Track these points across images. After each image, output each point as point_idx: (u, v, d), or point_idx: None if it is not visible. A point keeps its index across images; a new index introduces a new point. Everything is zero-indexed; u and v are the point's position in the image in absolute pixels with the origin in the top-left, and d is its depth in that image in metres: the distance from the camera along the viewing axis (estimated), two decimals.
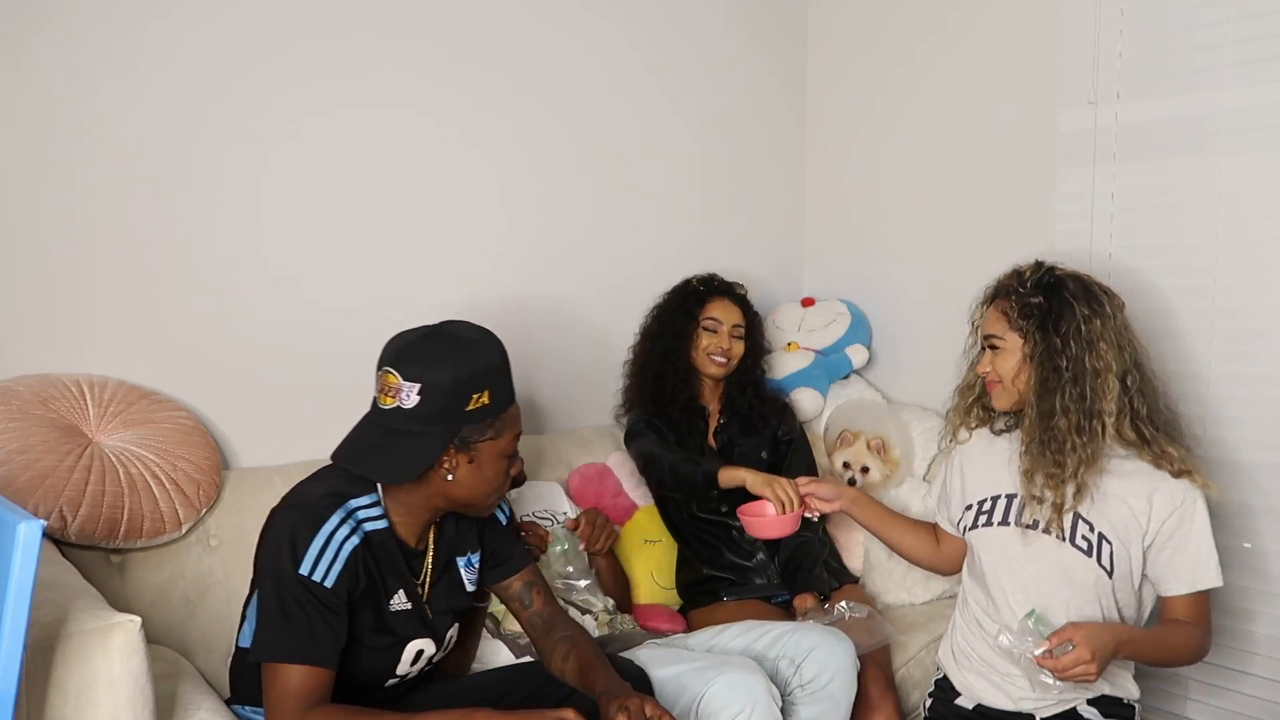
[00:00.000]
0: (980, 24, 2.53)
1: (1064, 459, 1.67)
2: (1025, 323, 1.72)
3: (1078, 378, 1.67)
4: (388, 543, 1.52)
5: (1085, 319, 1.69)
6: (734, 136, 2.85)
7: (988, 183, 2.54)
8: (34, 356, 1.85)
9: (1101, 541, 1.70)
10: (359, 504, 1.50)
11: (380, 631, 1.52)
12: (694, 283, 2.42)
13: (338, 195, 2.16)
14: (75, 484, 1.69)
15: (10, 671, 1.04)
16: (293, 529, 1.42)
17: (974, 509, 1.85)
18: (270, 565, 1.42)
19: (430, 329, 1.52)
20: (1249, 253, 2.05)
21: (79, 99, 1.85)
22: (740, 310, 2.40)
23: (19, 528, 1.03)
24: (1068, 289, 1.73)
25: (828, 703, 1.73)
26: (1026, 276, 1.76)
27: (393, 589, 1.53)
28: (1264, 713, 2.08)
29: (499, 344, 1.53)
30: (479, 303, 2.34)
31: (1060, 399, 1.67)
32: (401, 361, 1.46)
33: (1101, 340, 1.68)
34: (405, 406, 1.44)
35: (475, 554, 1.68)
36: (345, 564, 1.43)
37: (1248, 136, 2.03)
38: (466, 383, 1.45)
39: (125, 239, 1.92)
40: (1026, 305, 1.72)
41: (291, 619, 1.39)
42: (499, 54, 2.37)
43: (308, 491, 1.50)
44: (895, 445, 2.45)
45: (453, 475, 1.49)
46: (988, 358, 1.79)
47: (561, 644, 1.62)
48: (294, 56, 2.08)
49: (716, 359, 2.35)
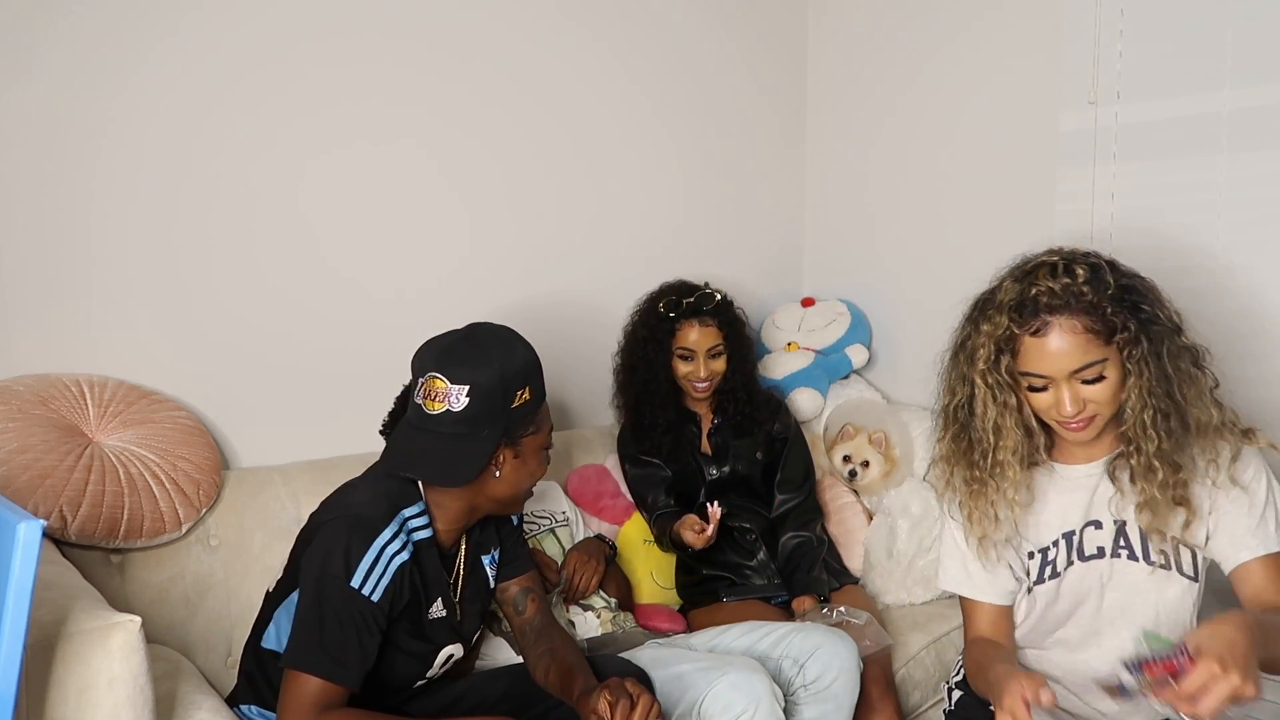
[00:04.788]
0: (980, 24, 2.53)
1: (1198, 463, 1.38)
2: (1126, 327, 1.34)
3: (1200, 358, 1.39)
4: (431, 551, 1.54)
5: (1164, 298, 1.40)
6: (735, 137, 2.85)
7: (988, 182, 2.54)
8: (34, 356, 1.85)
9: (1178, 547, 1.43)
10: (410, 513, 1.51)
11: (419, 638, 1.54)
12: (661, 308, 2.28)
13: (337, 197, 2.16)
14: (75, 484, 1.69)
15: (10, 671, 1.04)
16: (348, 540, 1.42)
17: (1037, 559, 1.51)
18: (318, 574, 1.42)
19: (463, 332, 1.54)
20: (1249, 253, 2.05)
21: (88, 102, 1.86)
22: (715, 326, 2.28)
23: (19, 528, 1.03)
24: (1121, 270, 1.39)
25: (831, 703, 1.73)
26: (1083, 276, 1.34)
27: (433, 598, 1.55)
28: (1265, 712, 2.08)
29: (528, 342, 1.56)
30: (480, 303, 2.33)
31: (1195, 390, 1.37)
32: (446, 365, 1.47)
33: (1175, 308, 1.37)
34: (455, 409, 1.46)
35: (496, 550, 1.70)
36: (392, 579, 1.44)
37: (1248, 136, 2.03)
38: (511, 380, 1.48)
39: (126, 239, 1.92)
40: (1115, 305, 1.34)
41: (327, 632, 1.39)
42: (505, 58, 2.36)
43: (362, 500, 1.50)
44: (895, 444, 2.46)
45: (500, 472, 1.52)
46: (1075, 395, 1.35)
47: (544, 658, 1.63)
48: (302, 63, 2.07)
49: (698, 386, 2.29)
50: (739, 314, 2.38)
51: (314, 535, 1.46)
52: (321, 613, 1.40)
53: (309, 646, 1.40)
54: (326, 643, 1.39)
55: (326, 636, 1.39)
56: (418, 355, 1.53)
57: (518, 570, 1.73)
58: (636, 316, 2.37)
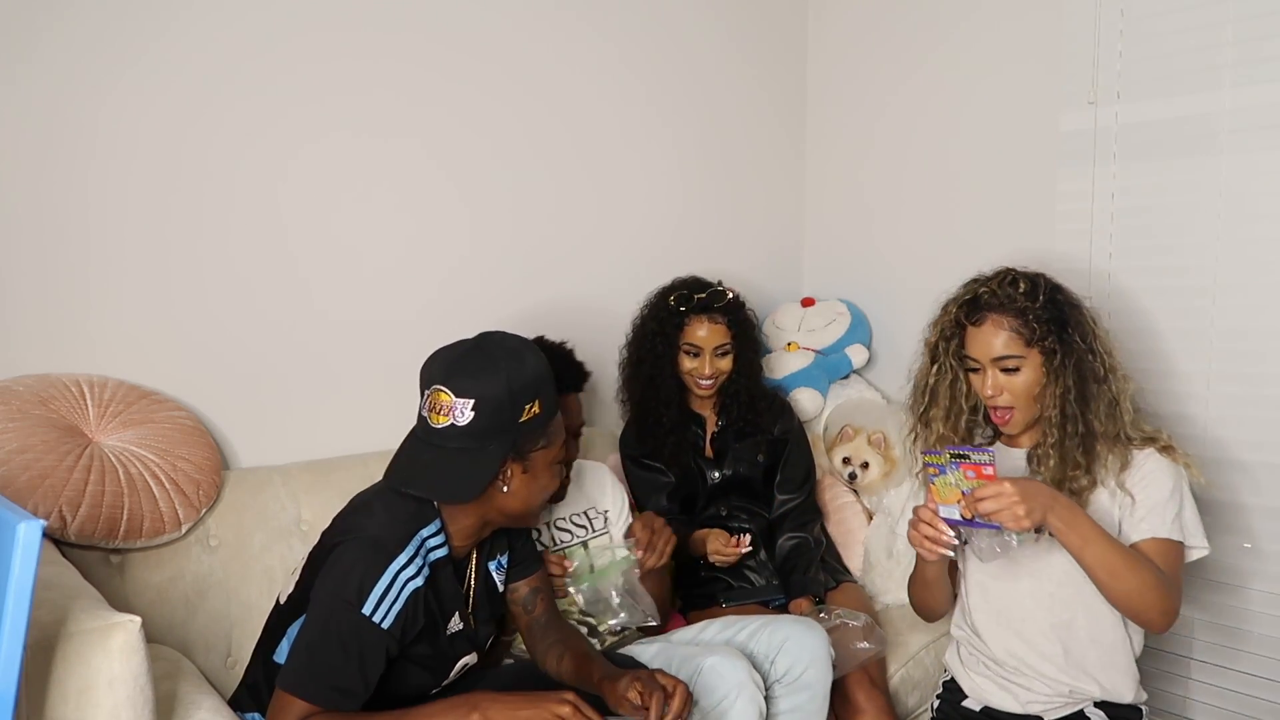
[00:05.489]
0: (980, 24, 2.53)
1: (1094, 465, 1.63)
2: (1047, 337, 1.63)
3: (1106, 378, 1.64)
4: (446, 568, 1.51)
5: (1092, 319, 1.69)
6: (735, 136, 2.85)
7: (988, 182, 2.54)
8: (34, 356, 1.84)
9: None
10: (427, 533, 1.48)
11: (437, 653, 1.53)
12: (671, 301, 2.27)
13: (337, 197, 2.16)
14: (75, 484, 1.69)
15: (10, 671, 1.04)
16: (364, 567, 1.39)
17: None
18: (328, 599, 1.39)
19: (473, 342, 1.50)
20: (1249, 253, 2.05)
21: (86, 100, 1.85)
22: (725, 325, 2.26)
23: (19, 528, 1.03)
24: (1062, 293, 1.70)
25: (804, 693, 1.75)
26: (1025, 289, 1.67)
27: (448, 615, 1.53)
28: (1266, 713, 2.08)
29: (540, 352, 1.52)
30: (481, 303, 2.35)
31: (1096, 404, 1.63)
32: (452, 378, 1.44)
33: (1108, 337, 1.68)
34: (459, 424, 1.42)
35: (504, 555, 1.69)
36: (405, 604, 1.41)
37: (1248, 136, 2.03)
38: (519, 394, 1.44)
39: (127, 239, 1.92)
40: (1043, 319, 1.64)
41: (329, 659, 1.37)
42: (505, 54, 2.36)
43: (379, 523, 1.46)
44: (895, 445, 2.45)
45: (508, 487, 1.48)
46: (995, 381, 1.67)
47: (555, 647, 1.63)
48: (305, 60, 2.07)
49: (701, 383, 2.27)
50: (750, 315, 2.36)
51: (328, 555, 1.44)
52: (326, 635, 1.37)
53: (305, 670, 1.37)
54: (328, 669, 1.37)
55: (329, 663, 1.37)
56: (425, 366, 1.50)
57: (527, 570, 1.72)
58: (646, 310, 2.34)
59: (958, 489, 1.55)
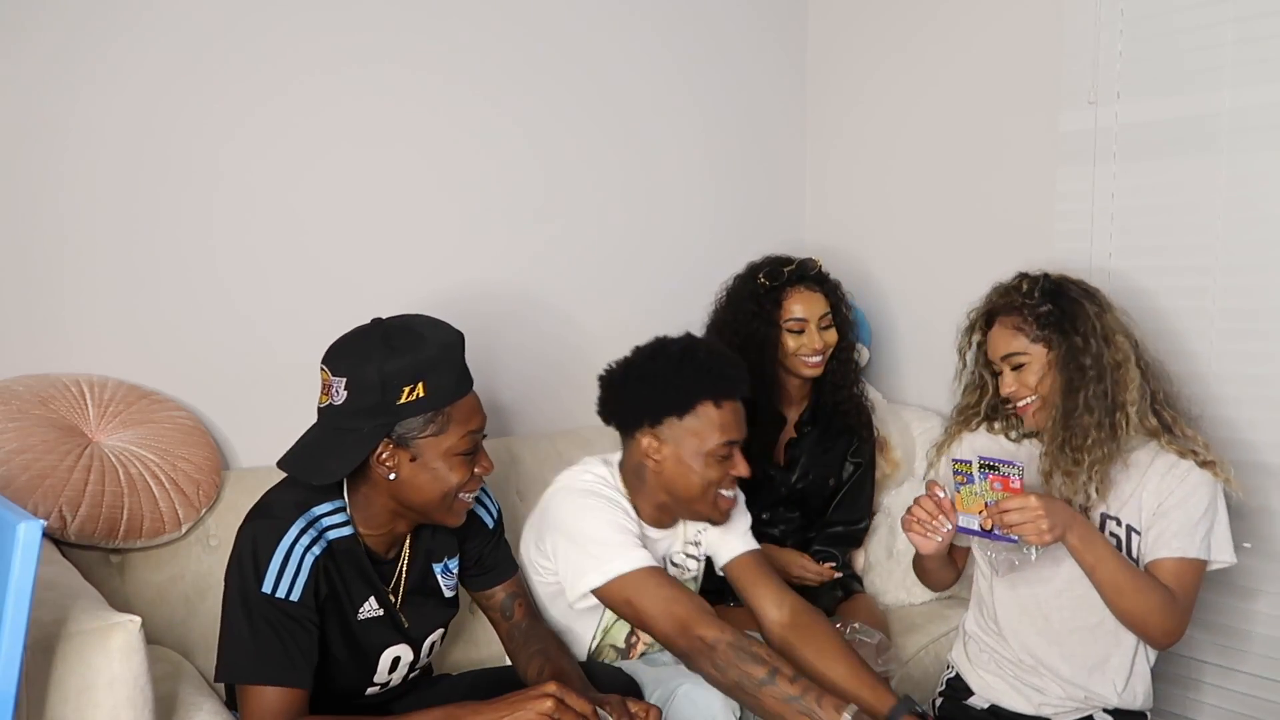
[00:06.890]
0: (980, 24, 2.52)
1: (1082, 456, 1.67)
2: (1045, 331, 1.72)
3: (1101, 374, 1.67)
4: (354, 550, 1.47)
5: (1096, 315, 1.72)
6: (733, 135, 2.84)
7: (987, 182, 2.54)
8: (34, 356, 1.84)
9: (1130, 534, 1.70)
10: (322, 510, 1.44)
11: (350, 640, 1.48)
12: (760, 278, 2.10)
13: (337, 196, 2.16)
14: (75, 484, 1.69)
15: (10, 671, 1.04)
16: (255, 544, 1.38)
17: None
18: (237, 583, 1.38)
19: (370, 323, 1.47)
20: (1249, 252, 2.05)
21: (87, 100, 1.85)
22: (822, 294, 2.11)
23: (19, 528, 1.03)
24: (1070, 290, 1.75)
25: None
26: (1025, 289, 1.75)
27: (361, 597, 1.49)
28: (1266, 713, 2.08)
29: (449, 337, 1.45)
30: (482, 303, 2.34)
31: (1084, 396, 1.67)
32: (331, 357, 1.42)
33: (1117, 333, 1.71)
34: (336, 403, 1.40)
35: (453, 559, 1.63)
36: (309, 574, 1.38)
37: (1248, 136, 2.03)
38: (394, 376, 1.37)
39: (126, 239, 1.92)
40: (1039, 314, 1.72)
41: (261, 638, 1.35)
42: (497, 48, 2.36)
43: (270, 500, 1.46)
44: (896, 445, 2.45)
45: (396, 475, 1.42)
46: (1011, 378, 1.75)
47: (536, 658, 1.59)
48: (289, 52, 2.07)
49: (810, 361, 2.10)
50: (841, 288, 2.21)
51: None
52: (250, 619, 1.35)
53: (249, 657, 1.35)
54: (265, 649, 1.34)
55: (262, 643, 1.34)
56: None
57: (502, 576, 1.69)
58: (730, 296, 2.17)
59: (981, 499, 1.57)
